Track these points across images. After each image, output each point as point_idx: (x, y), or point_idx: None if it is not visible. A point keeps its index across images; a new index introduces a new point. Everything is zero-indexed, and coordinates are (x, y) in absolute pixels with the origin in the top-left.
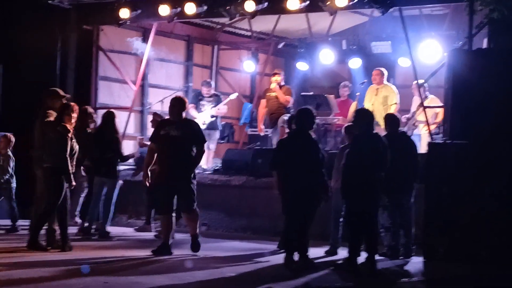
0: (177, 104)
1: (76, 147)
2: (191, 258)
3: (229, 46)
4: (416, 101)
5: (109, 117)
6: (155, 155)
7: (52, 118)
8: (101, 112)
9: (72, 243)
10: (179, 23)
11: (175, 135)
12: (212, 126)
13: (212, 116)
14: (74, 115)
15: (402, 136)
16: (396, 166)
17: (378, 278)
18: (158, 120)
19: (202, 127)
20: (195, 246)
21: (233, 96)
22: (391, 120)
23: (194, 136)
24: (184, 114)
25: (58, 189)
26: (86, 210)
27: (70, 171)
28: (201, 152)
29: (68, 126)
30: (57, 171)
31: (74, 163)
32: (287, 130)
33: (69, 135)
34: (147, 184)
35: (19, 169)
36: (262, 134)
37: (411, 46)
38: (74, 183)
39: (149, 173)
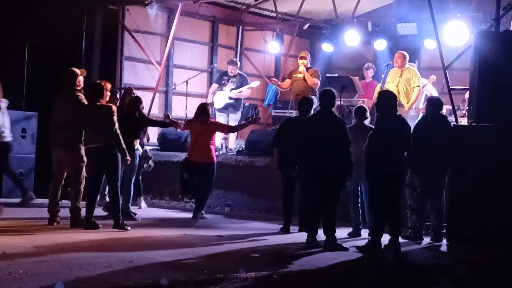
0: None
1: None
2: (216, 238)
3: (254, 27)
4: None
5: (136, 102)
6: None
7: (82, 99)
8: None
9: (96, 221)
10: (204, 4)
11: None
12: (231, 106)
13: (231, 98)
14: (108, 93)
15: (442, 118)
16: (433, 148)
17: (401, 261)
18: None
19: (223, 100)
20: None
21: (254, 84)
22: (433, 103)
23: None
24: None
25: (117, 167)
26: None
27: (124, 148)
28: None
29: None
30: (112, 149)
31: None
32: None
33: (115, 114)
34: None
35: (45, 146)
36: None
37: (437, 28)
38: (129, 158)
39: None
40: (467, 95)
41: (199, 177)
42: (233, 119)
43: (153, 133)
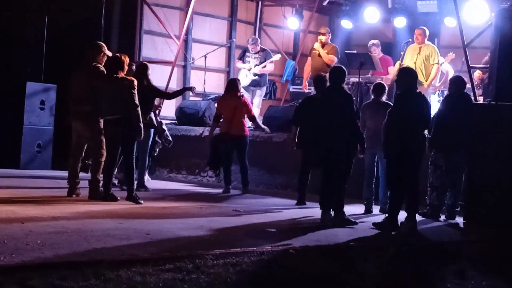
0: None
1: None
2: (233, 212)
3: (273, 3)
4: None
5: (142, 69)
6: None
7: (103, 71)
8: None
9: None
10: None
11: None
12: (256, 83)
13: (255, 75)
14: (126, 67)
15: (465, 97)
16: (457, 127)
17: (417, 238)
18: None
19: (248, 77)
20: None
21: (276, 57)
22: (457, 81)
23: None
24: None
25: (133, 140)
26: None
27: (141, 124)
28: None
29: (134, 80)
30: (128, 122)
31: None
32: None
33: (136, 87)
34: None
35: (63, 118)
36: (306, 90)
37: (458, 6)
38: (142, 135)
39: None
40: (476, 74)
41: (235, 150)
42: (258, 95)
43: (171, 107)
